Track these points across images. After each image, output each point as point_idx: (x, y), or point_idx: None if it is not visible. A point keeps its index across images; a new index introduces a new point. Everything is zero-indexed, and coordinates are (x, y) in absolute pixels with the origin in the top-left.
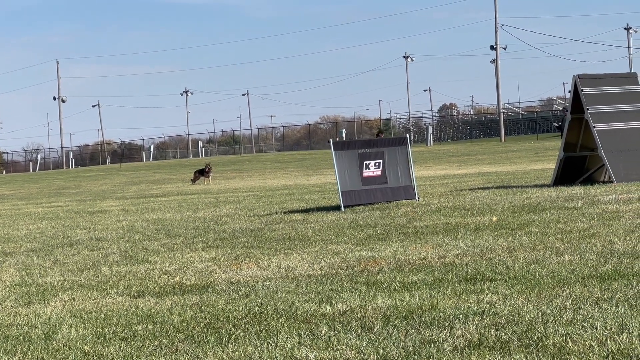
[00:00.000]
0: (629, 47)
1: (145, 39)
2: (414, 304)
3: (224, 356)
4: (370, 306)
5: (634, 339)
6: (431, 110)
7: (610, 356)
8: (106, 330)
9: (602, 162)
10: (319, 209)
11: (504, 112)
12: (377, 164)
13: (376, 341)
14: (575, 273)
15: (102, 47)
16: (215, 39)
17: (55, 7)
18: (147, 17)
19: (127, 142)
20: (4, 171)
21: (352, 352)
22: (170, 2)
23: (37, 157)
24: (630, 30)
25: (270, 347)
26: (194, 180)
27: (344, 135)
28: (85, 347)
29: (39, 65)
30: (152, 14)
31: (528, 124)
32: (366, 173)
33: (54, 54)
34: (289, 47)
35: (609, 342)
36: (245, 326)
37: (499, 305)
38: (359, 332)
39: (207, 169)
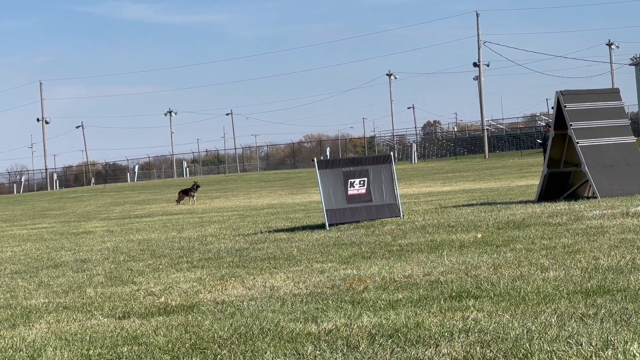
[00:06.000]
0: (611, 63)
1: (129, 59)
2: (400, 322)
3: None
4: (355, 325)
5: (619, 355)
6: (415, 127)
7: None
8: (91, 352)
9: (586, 177)
10: (303, 228)
11: (487, 129)
12: (361, 182)
13: None
14: (560, 289)
15: (85, 68)
16: (199, 58)
17: (38, 29)
18: (131, 37)
19: (111, 163)
20: None
21: None
22: (155, 23)
23: (21, 178)
24: (612, 46)
25: None
26: (178, 201)
27: (328, 153)
28: None
29: (22, 86)
30: (136, 35)
31: (512, 140)
32: (351, 191)
33: (37, 75)
34: (272, 66)
35: (594, 358)
36: (230, 346)
37: (485, 322)
38: (345, 351)
39: (195, 187)
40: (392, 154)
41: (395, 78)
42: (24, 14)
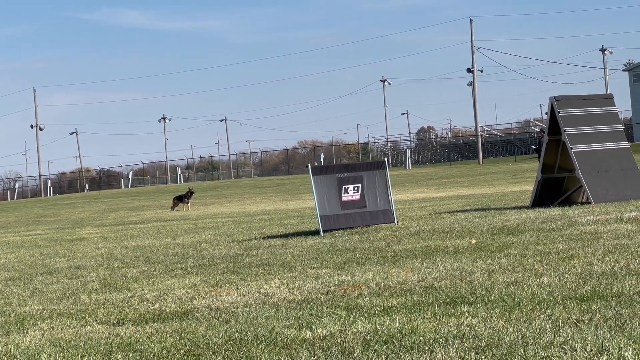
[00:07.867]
0: (604, 69)
1: (124, 66)
2: (394, 328)
3: None
4: (350, 331)
5: None
6: (409, 133)
7: None
8: (86, 359)
9: (580, 183)
10: (298, 234)
11: (481, 135)
12: (355, 188)
13: None
14: (555, 295)
15: (80, 74)
16: (193, 65)
17: (33, 35)
18: (126, 44)
19: (105, 169)
20: None
21: None
22: (149, 29)
23: (15, 185)
24: (606, 52)
25: None
26: (172, 207)
27: (322, 159)
28: None
29: (16, 93)
30: (130, 41)
31: (506, 146)
32: (345, 197)
33: (32, 82)
34: (266, 73)
35: None
36: (225, 353)
37: (479, 328)
38: (339, 357)
39: (189, 193)
40: (386, 159)
41: (389, 84)
42: (18, 21)
